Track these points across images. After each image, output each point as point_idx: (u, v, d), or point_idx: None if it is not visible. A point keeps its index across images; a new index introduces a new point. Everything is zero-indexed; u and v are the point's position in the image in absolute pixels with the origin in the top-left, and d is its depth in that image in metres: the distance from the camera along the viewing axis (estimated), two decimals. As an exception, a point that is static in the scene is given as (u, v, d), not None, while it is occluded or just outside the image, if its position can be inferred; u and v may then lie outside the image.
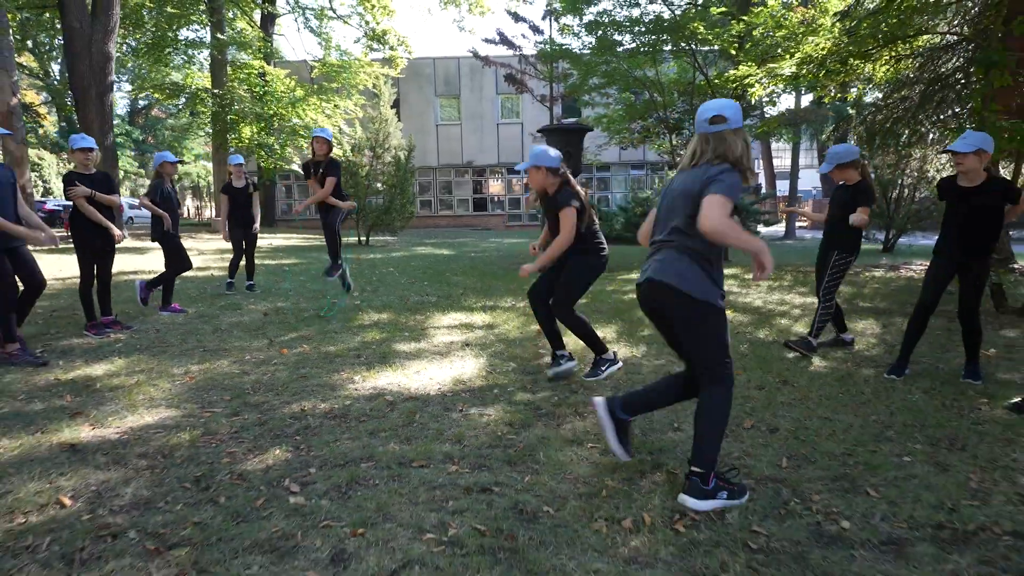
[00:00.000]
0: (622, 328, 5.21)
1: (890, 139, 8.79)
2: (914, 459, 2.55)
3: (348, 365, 3.96)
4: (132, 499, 2.17)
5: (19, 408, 3.09)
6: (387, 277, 8.53)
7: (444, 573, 1.75)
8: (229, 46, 19.11)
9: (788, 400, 3.33)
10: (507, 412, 3.10)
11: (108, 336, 4.69)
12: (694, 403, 2.28)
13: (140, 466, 2.44)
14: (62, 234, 11.61)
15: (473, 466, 2.47)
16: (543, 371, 3.86)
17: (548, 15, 15.09)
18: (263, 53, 20.21)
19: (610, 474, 2.40)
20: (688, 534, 1.97)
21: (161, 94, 19.78)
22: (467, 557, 1.83)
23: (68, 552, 1.83)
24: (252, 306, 6.07)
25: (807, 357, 4.26)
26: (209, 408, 3.12)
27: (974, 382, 3.64)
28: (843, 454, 2.60)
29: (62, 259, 9.97)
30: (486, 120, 26.61)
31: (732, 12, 10.25)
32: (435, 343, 4.60)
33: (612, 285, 7.94)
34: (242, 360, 4.06)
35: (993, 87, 6.44)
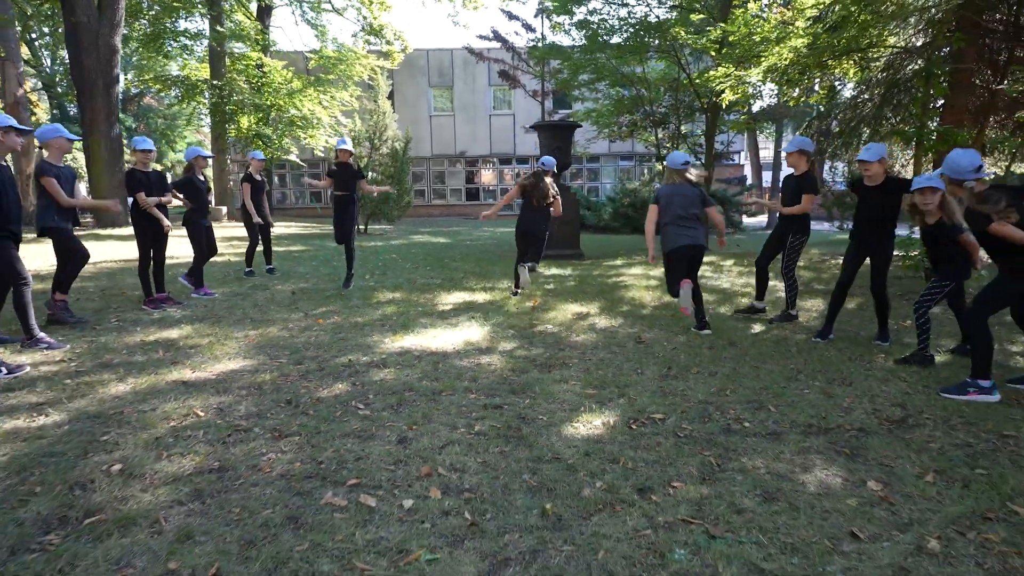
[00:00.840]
0: (604, 305, 6.14)
1: (852, 138, 9.76)
2: (811, 391, 3.51)
3: (376, 331, 4.86)
4: (246, 412, 3.08)
5: (127, 359, 3.98)
6: (392, 263, 9.41)
7: (473, 447, 2.68)
8: (228, 38, 19.73)
9: (730, 355, 4.28)
10: (509, 362, 4.03)
11: (164, 310, 5.56)
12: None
13: (242, 394, 3.35)
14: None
15: (487, 394, 3.39)
16: (537, 335, 4.78)
17: (540, 13, 15.92)
18: (261, 45, 20.85)
19: (587, 400, 3.33)
20: (638, 429, 2.91)
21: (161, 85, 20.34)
22: (488, 440, 2.76)
23: (218, 437, 2.74)
24: (278, 287, 6.95)
25: (751, 320, 5.25)
26: (276, 359, 4.02)
27: (882, 343, 4.61)
28: (760, 388, 3.56)
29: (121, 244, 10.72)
30: (479, 111, 27.39)
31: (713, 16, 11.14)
32: (445, 315, 5.51)
33: (598, 270, 8.87)
34: (287, 327, 4.96)
35: (932, 95, 7.42)
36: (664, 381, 3.65)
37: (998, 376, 3.56)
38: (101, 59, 15.31)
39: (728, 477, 2.43)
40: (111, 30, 15.36)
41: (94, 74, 15.31)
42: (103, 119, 15.52)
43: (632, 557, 1.88)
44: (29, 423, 2.87)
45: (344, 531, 2.01)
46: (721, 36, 10.43)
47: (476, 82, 26.98)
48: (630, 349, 4.40)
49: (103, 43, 15.25)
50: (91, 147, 15.49)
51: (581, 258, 10.43)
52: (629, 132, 16.18)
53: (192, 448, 2.63)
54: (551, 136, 10.74)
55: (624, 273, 8.53)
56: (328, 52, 20.57)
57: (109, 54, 15.42)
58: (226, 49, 20.07)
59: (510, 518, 2.10)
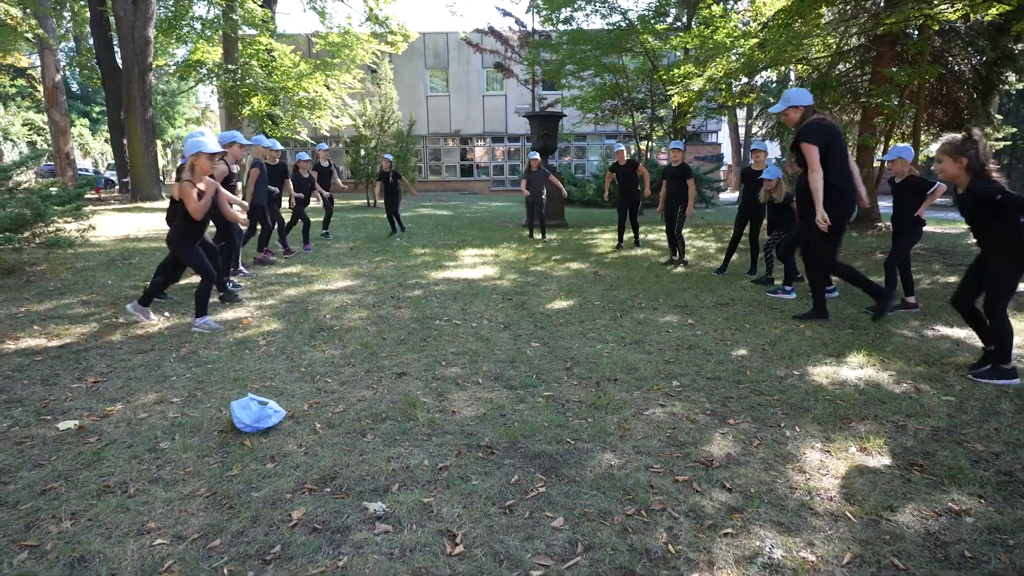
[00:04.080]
0: (576, 256, 8.84)
1: (783, 128, 12.47)
2: (687, 293, 6.25)
3: (422, 269, 7.55)
4: (372, 301, 5.76)
5: (283, 282, 6.64)
6: (411, 231, 12.08)
7: (501, 309, 5.39)
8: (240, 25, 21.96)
9: (654, 281, 7.01)
10: (514, 283, 6.74)
11: (273, 262, 8.21)
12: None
13: (364, 294, 6.03)
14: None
15: (502, 294, 6.10)
16: (530, 272, 7.49)
17: (531, 9, 18.41)
18: (269, 31, 23.09)
19: (559, 298, 6.04)
20: (586, 307, 5.64)
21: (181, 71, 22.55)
22: (507, 308, 5.47)
23: (368, 307, 5.43)
24: (336, 246, 9.61)
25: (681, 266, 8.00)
26: (369, 281, 6.70)
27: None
28: (660, 291, 6.28)
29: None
30: (472, 92, 29.79)
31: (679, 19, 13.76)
32: (466, 263, 8.20)
33: (577, 235, 11.58)
34: (363, 267, 7.64)
35: (828, 102, 10.12)
36: (606, 292, 6.38)
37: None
38: (136, 49, 17.58)
39: (623, 319, 5.15)
40: (145, 23, 17.62)
41: (130, 62, 17.60)
42: (139, 104, 17.84)
43: (579, 348, 4.60)
44: (264, 302, 5.55)
45: (445, 339, 4.72)
46: (681, 43, 13.07)
47: (470, 64, 29.34)
48: (589, 278, 7.13)
49: (138, 35, 17.51)
50: (128, 128, 17.85)
51: (565, 227, 13.14)
52: (611, 116, 18.82)
53: (359, 312, 5.33)
54: (540, 125, 13.36)
55: (597, 238, 11.26)
56: (334, 37, 22.86)
57: (143, 44, 17.69)
58: (239, 34, 22.30)
59: (521, 328, 4.82)
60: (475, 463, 2.64)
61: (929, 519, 2.24)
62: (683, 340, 4.56)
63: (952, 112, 13.01)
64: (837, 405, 3.29)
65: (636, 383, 3.62)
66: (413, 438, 2.88)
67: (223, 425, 2.98)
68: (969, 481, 2.50)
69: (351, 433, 2.92)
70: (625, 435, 2.92)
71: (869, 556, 2.02)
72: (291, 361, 3.99)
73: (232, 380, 3.61)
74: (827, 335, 4.67)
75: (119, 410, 3.18)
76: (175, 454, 2.70)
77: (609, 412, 3.19)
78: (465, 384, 3.59)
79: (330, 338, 4.51)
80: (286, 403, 3.26)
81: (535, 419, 3.08)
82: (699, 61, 12.34)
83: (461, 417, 3.12)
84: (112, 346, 4.26)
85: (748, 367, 3.92)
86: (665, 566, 1.97)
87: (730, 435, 2.92)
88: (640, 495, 2.38)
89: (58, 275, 6.62)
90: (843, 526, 2.19)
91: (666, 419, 3.10)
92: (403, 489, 2.43)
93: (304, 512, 2.25)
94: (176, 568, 1.94)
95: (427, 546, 2.06)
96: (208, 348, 4.25)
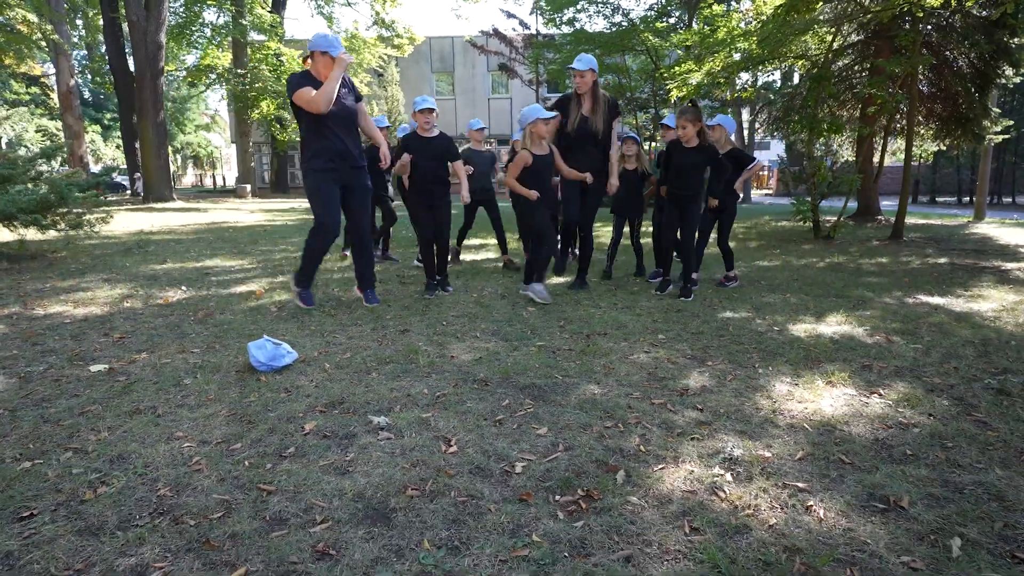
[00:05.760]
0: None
1: (783, 123, 12.72)
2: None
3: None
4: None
5: (293, 260, 6.94)
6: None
7: (496, 293, 5.65)
8: (249, 30, 22.46)
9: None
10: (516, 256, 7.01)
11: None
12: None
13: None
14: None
15: (505, 275, 6.36)
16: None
17: (535, 11, 18.77)
18: (278, 35, 23.59)
19: (569, 277, 6.29)
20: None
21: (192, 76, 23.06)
22: (505, 290, 5.73)
23: (384, 278, 5.71)
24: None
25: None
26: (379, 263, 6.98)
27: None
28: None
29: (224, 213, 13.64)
30: (478, 95, 30.20)
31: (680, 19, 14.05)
32: (471, 247, 8.47)
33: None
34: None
35: (827, 92, 10.34)
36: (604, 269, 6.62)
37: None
38: (148, 54, 18.04)
39: (617, 291, 5.40)
40: (157, 28, 18.08)
41: (142, 67, 18.06)
42: (151, 107, 18.29)
43: (573, 311, 4.85)
44: (275, 279, 5.84)
45: (447, 306, 4.99)
46: (682, 41, 13.36)
47: (476, 68, 29.76)
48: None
49: (150, 40, 17.97)
50: (141, 131, 18.29)
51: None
52: (614, 116, 19.09)
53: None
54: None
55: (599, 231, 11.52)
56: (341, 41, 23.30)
57: (155, 49, 18.15)
58: (248, 39, 22.82)
59: (518, 298, 5.08)
60: (470, 392, 2.90)
61: (879, 430, 2.48)
62: (672, 306, 4.81)
63: (951, 107, 13.21)
64: (810, 351, 3.53)
65: (624, 336, 3.88)
66: (414, 375, 3.14)
67: (241, 367, 3.26)
68: (922, 404, 2.74)
69: (358, 372, 3.19)
70: (609, 373, 3.17)
71: (819, 454, 2.27)
72: (301, 323, 4.26)
73: (248, 336, 3.88)
74: (811, 302, 4.90)
75: (144, 357, 3.46)
76: (197, 386, 2.98)
77: (596, 357, 3.44)
78: (464, 337, 3.85)
79: (338, 307, 4.78)
80: (298, 351, 3.53)
81: (527, 361, 3.34)
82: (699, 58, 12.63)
83: (459, 360, 3.38)
84: (135, 312, 4.55)
85: (731, 325, 4.17)
86: (636, 460, 2.22)
87: (707, 373, 3.17)
88: (619, 413, 2.64)
89: (78, 259, 6.95)
90: (800, 434, 2.44)
91: (648, 361, 3.35)
92: (404, 409, 2.69)
93: (316, 425, 2.52)
94: (203, 463, 2.21)
95: (425, 447, 2.32)
96: (224, 313, 4.53)
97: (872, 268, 6.77)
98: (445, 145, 5.12)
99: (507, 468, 2.16)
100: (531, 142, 4.81)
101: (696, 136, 4.97)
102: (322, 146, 4.30)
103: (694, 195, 5.07)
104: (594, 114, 4.96)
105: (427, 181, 5.07)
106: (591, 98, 4.98)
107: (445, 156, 5.12)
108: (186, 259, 7.15)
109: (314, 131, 4.31)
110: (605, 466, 2.17)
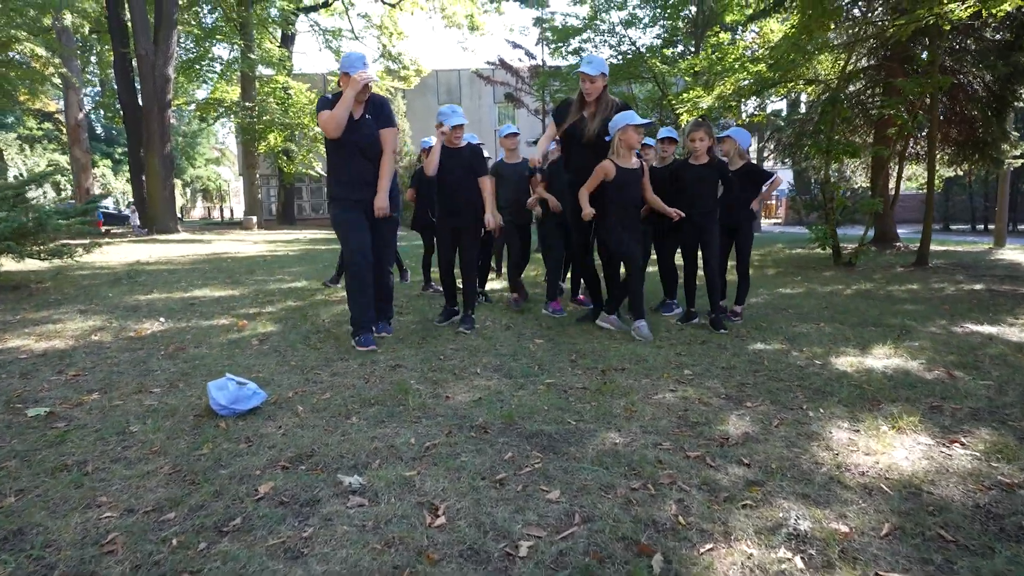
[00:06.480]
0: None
1: (795, 149, 12.32)
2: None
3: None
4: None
5: (285, 292, 6.50)
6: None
7: (500, 322, 5.17)
8: (258, 64, 22.50)
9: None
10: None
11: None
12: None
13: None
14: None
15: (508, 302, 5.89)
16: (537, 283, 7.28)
17: (541, 42, 18.65)
18: (286, 69, 23.64)
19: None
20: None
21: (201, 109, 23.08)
22: (509, 320, 5.24)
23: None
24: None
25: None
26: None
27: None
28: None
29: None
30: (484, 126, 30.11)
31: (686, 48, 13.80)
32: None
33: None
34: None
35: (840, 116, 9.96)
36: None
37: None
38: (156, 87, 17.97)
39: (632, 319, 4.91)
40: (165, 61, 18.04)
41: (150, 100, 17.97)
42: (157, 139, 18.15)
43: (585, 343, 4.36)
44: (263, 309, 5.38)
45: (445, 337, 4.50)
46: (689, 67, 13.08)
47: (482, 99, 29.76)
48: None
49: (158, 73, 17.92)
50: (148, 163, 18.12)
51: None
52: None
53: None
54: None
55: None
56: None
57: (163, 82, 18.08)
58: (256, 73, 22.84)
59: (525, 328, 4.60)
60: (466, 441, 2.40)
61: (977, 492, 1.96)
62: (695, 336, 4.30)
63: (967, 131, 12.79)
64: (864, 389, 3.01)
65: (644, 372, 3.37)
66: (401, 420, 2.64)
67: (200, 410, 2.77)
68: (1019, 457, 2.22)
69: (335, 416, 2.69)
70: (632, 416, 2.66)
71: (911, 527, 1.75)
72: (282, 357, 3.79)
73: (218, 373, 3.41)
74: (848, 331, 4.38)
75: (94, 399, 2.98)
76: (144, 435, 2.49)
77: (615, 397, 2.93)
78: (462, 374, 3.36)
79: (326, 338, 4.31)
80: (271, 391, 3.04)
81: (534, 402, 2.84)
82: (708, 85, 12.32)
83: (455, 402, 2.88)
84: (101, 346, 4.09)
85: (765, 358, 3.65)
86: (675, 537, 1.71)
87: (747, 416, 2.65)
88: (647, 470, 2.13)
89: (62, 290, 6.53)
90: (878, 498, 1.92)
91: (676, 402, 2.85)
92: (384, 464, 2.19)
93: (272, 486, 2.02)
94: (120, 540, 1.72)
95: (404, 518, 1.82)
96: (199, 347, 4.07)
97: (904, 295, 6.25)
98: (469, 157, 4.49)
99: (508, 550, 1.65)
100: (618, 153, 4.28)
101: (705, 153, 4.56)
102: (342, 174, 3.95)
103: (710, 212, 4.61)
104: (595, 118, 4.42)
105: (452, 199, 4.50)
106: (596, 103, 4.45)
107: (470, 170, 4.47)
108: (175, 289, 6.72)
109: (334, 157, 3.97)
110: (635, 546, 1.66)
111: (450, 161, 4.47)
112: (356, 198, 3.95)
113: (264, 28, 22.75)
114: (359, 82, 3.80)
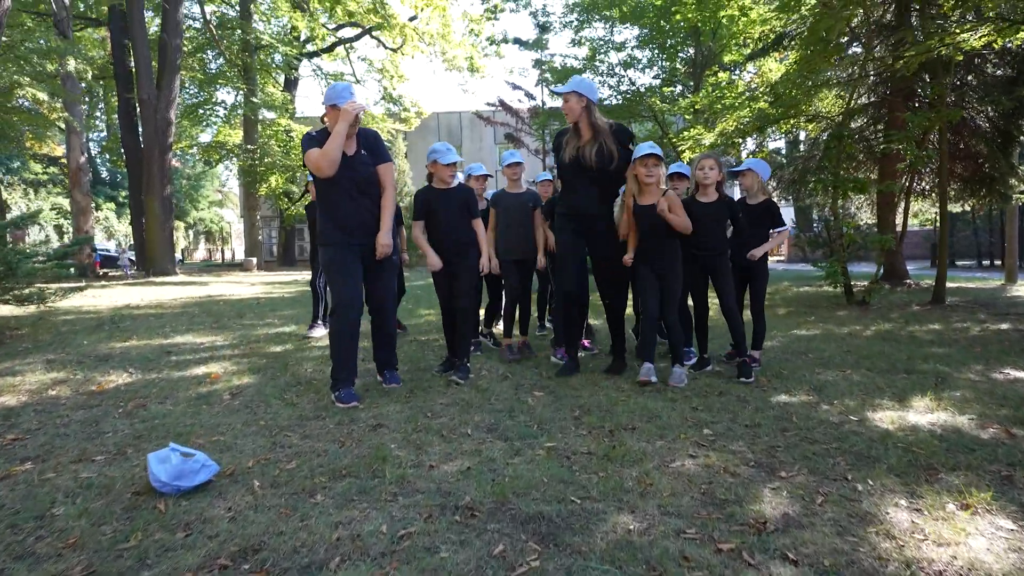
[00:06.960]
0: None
1: (799, 186, 12.06)
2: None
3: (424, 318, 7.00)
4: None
5: (271, 337, 6.11)
6: (416, 295, 11.63)
7: (497, 372, 4.76)
8: (261, 108, 22.61)
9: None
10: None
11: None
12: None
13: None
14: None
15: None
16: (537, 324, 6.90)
17: (540, 83, 18.67)
18: (288, 113, 23.75)
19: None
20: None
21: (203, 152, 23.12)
22: (507, 368, 4.84)
23: (367, 356, 4.85)
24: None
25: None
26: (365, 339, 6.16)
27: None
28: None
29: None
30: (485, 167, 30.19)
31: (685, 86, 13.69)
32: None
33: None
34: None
35: (845, 151, 9.71)
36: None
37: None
38: (158, 130, 17.95)
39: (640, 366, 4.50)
40: (167, 105, 18.06)
41: (151, 143, 17.93)
42: (157, 182, 18.05)
43: (590, 396, 3.95)
44: (244, 358, 4.99)
45: (436, 390, 4.10)
46: (689, 105, 12.95)
47: (483, 141, 29.90)
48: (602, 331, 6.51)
49: (160, 116, 17.92)
50: (148, 205, 17.97)
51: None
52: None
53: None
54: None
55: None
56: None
57: (165, 126, 18.08)
58: (258, 117, 22.94)
59: (524, 378, 4.19)
60: (448, 528, 1.98)
61: (1093, 602, 1.53)
62: (712, 387, 3.89)
63: (972, 167, 12.56)
64: (915, 453, 2.59)
65: (659, 432, 2.95)
66: (374, 498, 2.23)
67: (141, 485, 2.36)
68: None
69: (297, 493, 2.28)
70: (647, 492, 2.24)
71: (1024, 662, 1.32)
72: (252, 414, 3.38)
73: (176, 435, 3.00)
74: (879, 380, 3.97)
75: (25, 470, 2.57)
76: (66, 521, 2.08)
77: (626, 465, 2.52)
78: (450, 436, 2.94)
79: (305, 391, 3.91)
80: (229, 459, 2.63)
81: (532, 474, 2.42)
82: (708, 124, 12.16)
83: (439, 472, 2.46)
84: (55, 403, 3.70)
85: (793, 413, 3.23)
86: None
87: (783, 490, 2.23)
88: (671, 569, 1.70)
89: (37, 337, 6.16)
90: (970, 614, 1.49)
91: (699, 472, 2.42)
92: (347, 563, 1.77)
93: (201, 597, 1.61)
94: None
95: (361, 648, 1.40)
96: (163, 403, 3.67)
97: (929, 336, 5.84)
98: (463, 197, 4.21)
99: None
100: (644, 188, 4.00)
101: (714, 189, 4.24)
102: (335, 214, 3.59)
103: (722, 250, 4.26)
104: (591, 145, 4.07)
105: (444, 241, 4.18)
106: (588, 127, 4.12)
107: (464, 210, 4.19)
108: (155, 336, 6.34)
109: (325, 197, 3.61)
110: None
111: (442, 201, 4.15)
112: (356, 242, 3.61)
113: (267, 73, 22.93)
114: (351, 112, 3.48)
